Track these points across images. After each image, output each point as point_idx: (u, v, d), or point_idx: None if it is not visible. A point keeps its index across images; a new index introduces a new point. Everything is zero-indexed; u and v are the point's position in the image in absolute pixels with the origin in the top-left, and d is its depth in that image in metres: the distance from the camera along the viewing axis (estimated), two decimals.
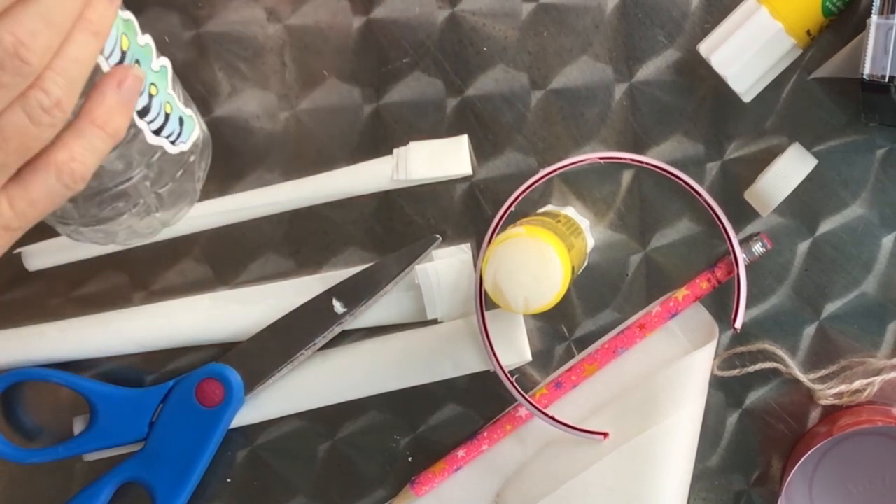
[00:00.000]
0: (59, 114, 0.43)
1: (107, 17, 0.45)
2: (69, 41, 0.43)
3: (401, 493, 0.64)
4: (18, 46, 0.41)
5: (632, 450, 0.61)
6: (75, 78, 0.43)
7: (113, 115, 0.46)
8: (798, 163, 0.59)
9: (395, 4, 0.62)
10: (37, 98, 0.42)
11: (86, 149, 0.45)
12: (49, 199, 0.45)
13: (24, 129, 0.42)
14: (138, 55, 0.50)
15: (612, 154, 0.61)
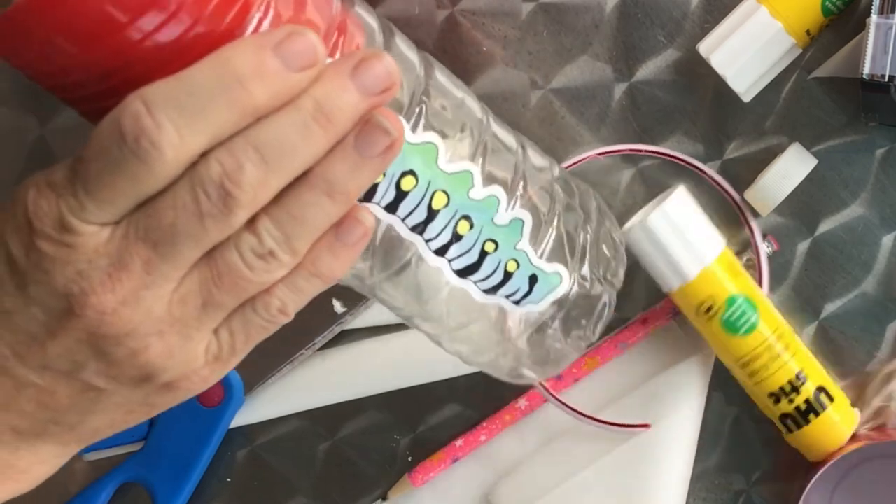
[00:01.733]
0: (276, 263, 0.40)
1: (349, 180, 0.40)
2: (292, 194, 0.39)
3: (398, 483, 0.64)
4: (223, 177, 0.37)
5: (631, 450, 0.61)
6: (292, 235, 0.39)
7: (323, 256, 0.41)
8: (798, 163, 0.59)
9: (395, 4, 0.62)
10: (248, 241, 0.39)
11: (286, 285, 0.41)
12: (247, 332, 0.42)
13: (237, 269, 0.39)
14: (473, 210, 0.45)
15: (637, 146, 0.61)
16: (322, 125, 0.39)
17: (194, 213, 0.38)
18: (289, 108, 0.38)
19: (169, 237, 0.38)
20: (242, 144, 0.38)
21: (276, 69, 0.38)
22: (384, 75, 0.40)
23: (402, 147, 0.41)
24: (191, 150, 0.37)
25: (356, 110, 0.40)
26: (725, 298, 0.57)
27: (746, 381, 0.58)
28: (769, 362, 0.58)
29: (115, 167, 0.37)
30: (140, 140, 0.36)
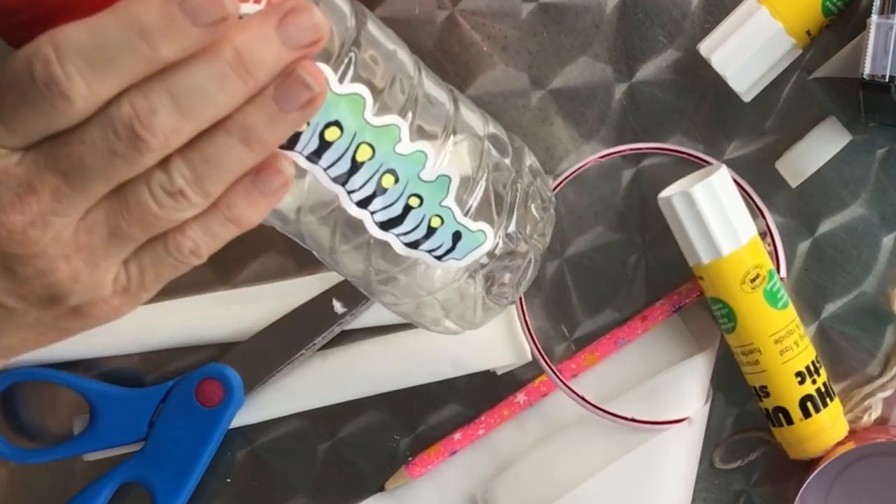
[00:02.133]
0: (185, 202, 0.40)
1: (266, 130, 0.40)
2: (208, 138, 0.39)
3: (395, 475, 0.64)
4: (134, 120, 0.38)
5: (635, 457, 0.61)
6: (204, 177, 0.40)
7: (239, 200, 0.41)
8: (832, 136, 0.59)
9: (395, 4, 0.62)
10: (158, 178, 0.39)
11: (200, 227, 0.42)
12: (161, 270, 0.42)
13: (146, 204, 0.40)
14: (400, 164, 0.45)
15: (639, 145, 0.61)
16: (241, 76, 0.39)
17: (103, 150, 0.38)
18: (209, 57, 0.38)
19: (77, 170, 0.39)
20: (158, 89, 0.38)
21: (183, 25, 0.37)
22: (311, 28, 0.39)
23: (322, 102, 0.40)
24: (100, 98, 0.38)
25: (278, 63, 0.39)
26: (768, 270, 0.57)
27: (775, 359, 0.58)
28: (799, 339, 0.58)
29: (25, 102, 0.38)
30: (50, 86, 0.37)
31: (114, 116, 0.38)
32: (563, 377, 0.62)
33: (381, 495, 0.64)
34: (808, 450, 0.59)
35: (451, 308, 0.51)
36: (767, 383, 0.58)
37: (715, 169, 0.58)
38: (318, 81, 0.40)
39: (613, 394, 0.62)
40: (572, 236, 0.62)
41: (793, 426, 0.58)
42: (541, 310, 0.63)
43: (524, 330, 0.62)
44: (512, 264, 0.51)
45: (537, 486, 0.62)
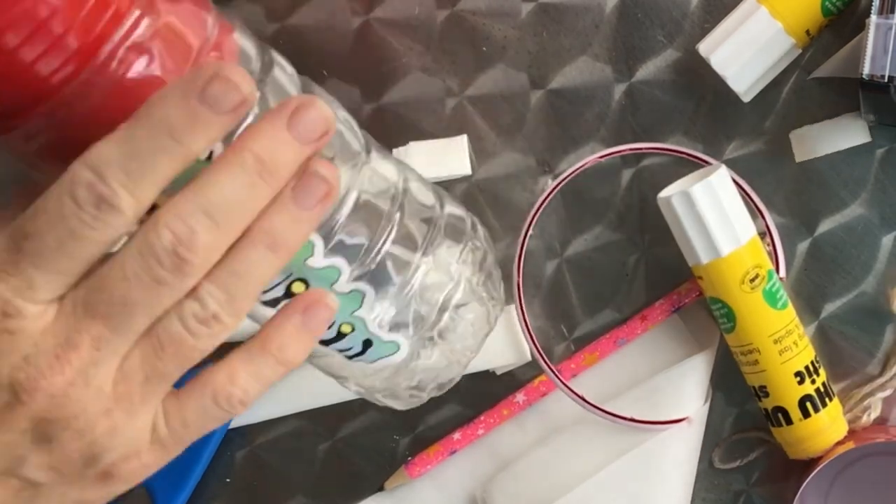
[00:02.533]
0: (218, 326, 0.39)
1: (290, 233, 0.40)
2: (235, 253, 0.39)
3: (395, 474, 0.64)
4: (176, 244, 0.37)
5: (635, 457, 0.61)
6: (237, 294, 0.39)
7: (291, 343, 0.41)
8: (854, 130, 0.59)
9: (395, 4, 0.62)
10: (191, 308, 0.38)
11: (251, 374, 0.41)
12: (203, 420, 0.41)
13: (180, 339, 0.39)
14: (311, 277, 0.45)
15: (639, 145, 0.61)
16: (266, 180, 0.39)
17: (148, 282, 0.37)
18: (232, 167, 0.38)
19: (121, 309, 0.38)
20: (192, 208, 0.38)
21: (207, 117, 0.37)
22: (320, 121, 0.40)
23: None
24: (144, 206, 0.37)
25: (297, 161, 0.40)
26: (768, 270, 0.57)
27: (775, 358, 0.58)
28: (798, 339, 0.58)
29: (73, 236, 0.37)
30: (100, 205, 0.36)
31: (154, 244, 0.37)
32: (562, 377, 0.62)
33: (380, 495, 0.64)
34: (808, 450, 0.59)
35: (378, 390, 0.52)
36: (767, 383, 0.58)
37: (714, 169, 0.58)
38: (332, 174, 0.40)
39: (613, 394, 0.62)
40: (572, 236, 0.62)
41: (792, 426, 0.58)
42: (540, 310, 0.63)
43: (524, 330, 0.62)
44: (427, 373, 0.51)
45: (537, 486, 0.62)
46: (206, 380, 0.41)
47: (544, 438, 0.63)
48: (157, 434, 0.40)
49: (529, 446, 0.63)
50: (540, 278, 0.63)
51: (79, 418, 0.38)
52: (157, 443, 0.41)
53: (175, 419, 0.40)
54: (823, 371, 0.59)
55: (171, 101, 0.37)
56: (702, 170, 0.60)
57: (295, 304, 0.42)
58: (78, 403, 0.38)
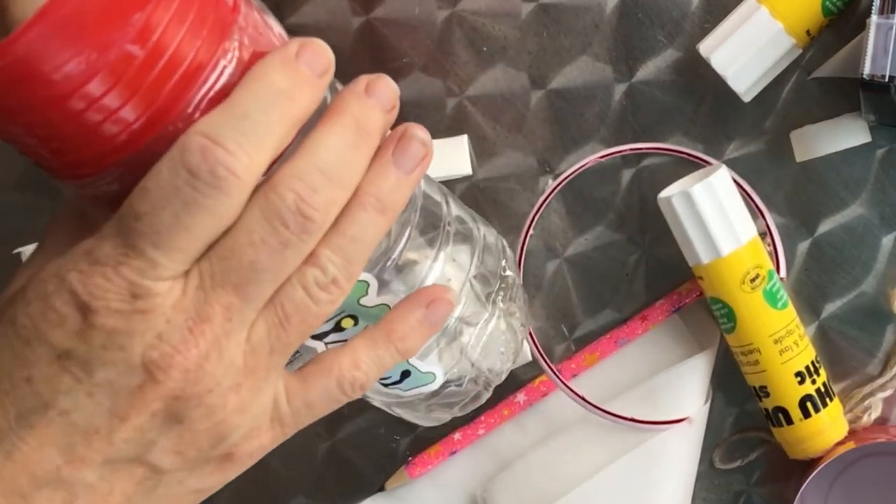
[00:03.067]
0: (337, 291, 0.40)
1: (396, 193, 0.41)
2: (347, 217, 0.40)
3: (395, 474, 0.64)
4: (299, 202, 0.38)
5: (635, 457, 0.61)
6: (353, 257, 0.40)
7: (412, 333, 0.43)
8: (854, 130, 0.59)
9: (395, 4, 0.62)
10: (312, 274, 0.39)
11: (373, 360, 0.42)
12: (324, 402, 0.42)
13: (304, 306, 0.39)
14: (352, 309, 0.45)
15: (639, 145, 0.61)
16: (365, 140, 0.40)
17: (275, 245, 0.38)
18: (335, 129, 0.39)
19: (250, 276, 0.38)
20: (308, 168, 0.38)
21: (308, 75, 0.38)
22: (391, 91, 0.41)
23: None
24: (260, 170, 0.37)
25: (383, 125, 0.41)
26: (768, 270, 0.57)
27: (775, 358, 0.58)
28: (798, 339, 0.58)
29: (189, 208, 0.36)
30: (216, 170, 0.36)
31: (278, 206, 0.38)
32: (563, 377, 0.62)
33: (381, 495, 0.64)
34: (808, 450, 0.59)
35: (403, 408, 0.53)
36: (767, 383, 0.58)
37: (715, 169, 0.58)
38: (428, 137, 0.42)
39: (613, 394, 0.62)
40: (572, 236, 0.62)
41: (792, 426, 0.58)
42: (541, 310, 0.63)
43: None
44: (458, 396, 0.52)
45: (537, 486, 0.62)
46: (330, 364, 0.42)
47: (544, 438, 0.63)
48: (277, 412, 0.41)
49: (529, 446, 0.63)
50: (540, 278, 0.63)
51: (212, 393, 0.38)
52: (276, 421, 0.41)
53: (298, 399, 0.41)
54: (824, 371, 0.59)
55: (272, 68, 0.38)
56: (702, 170, 0.60)
57: (419, 298, 0.43)
58: (212, 377, 0.38)
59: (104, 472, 0.38)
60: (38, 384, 0.37)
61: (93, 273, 0.37)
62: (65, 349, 0.37)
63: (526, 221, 0.62)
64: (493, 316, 0.51)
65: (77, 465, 0.38)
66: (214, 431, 0.39)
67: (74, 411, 0.37)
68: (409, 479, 0.63)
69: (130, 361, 0.37)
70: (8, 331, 0.38)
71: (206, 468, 0.41)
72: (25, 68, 0.35)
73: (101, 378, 0.37)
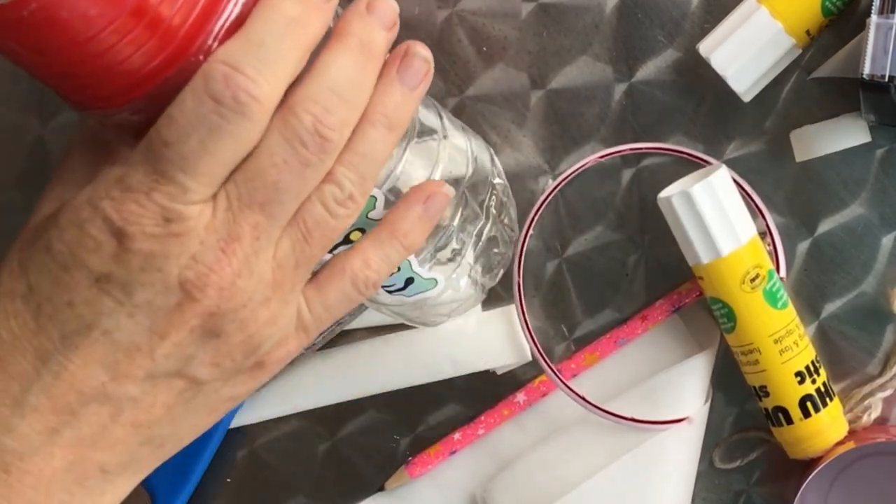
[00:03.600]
0: (353, 205, 0.42)
1: (403, 110, 0.43)
2: (359, 135, 0.42)
3: (395, 474, 0.64)
4: (317, 124, 0.40)
5: (635, 457, 0.61)
6: (366, 173, 0.43)
7: (414, 229, 0.45)
8: (854, 130, 0.59)
9: None
10: (330, 191, 0.42)
11: (381, 258, 0.45)
12: (342, 304, 0.45)
13: (324, 221, 0.42)
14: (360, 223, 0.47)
15: (639, 145, 0.61)
16: (370, 59, 0.42)
17: (296, 165, 0.40)
18: (341, 50, 0.41)
19: (274, 195, 0.40)
20: (320, 90, 0.40)
21: (316, 1, 0.41)
22: (391, 8, 0.44)
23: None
24: (278, 95, 0.39)
25: (385, 42, 0.43)
26: (768, 270, 0.57)
27: (775, 358, 0.58)
28: (798, 339, 0.58)
29: (215, 134, 0.38)
30: (238, 96, 0.38)
31: (297, 128, 0.40)
32: (562, 377, 0.62)
33: (381, 495, 0.64)
34: (808, 449, 0.59)
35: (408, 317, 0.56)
36: (767, 383, 0.58)
37: (715, 169, 0.58)
38: (428, 53, 0.44)
39: (613, 394, 0.62)
40: (572, 236, 0.62)
41: (792, 426, 0.58)
42: (541, 310, 0.63)
43: (524, 330, 0.62)
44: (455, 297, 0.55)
45: (537, 486, 0.62)
46: (342, 266, 0.44)
47: (544, 438, 0.63)
48: (301, 320, 0.43)
49: (529, 446, 0.63)
50: (540, 278, 0.63)
51: (246, 307, 0.41)
52: (301, 329, 0.43)
53: (317, 305, 0.43)
54: (824, 371, 0.59)
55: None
56: (702, 170, 0.60)
57: (417, 194, 0.46)
58: (244, 293, 0.40)
59: (146, 387, 0.41)
60: (80, 307, 0.39)
61: (125, 200, 0.39)
62: (103, 273, 0.39)
63: (526, 221, 0.62)
64: (487, 221, 0.54)
65: (121, 380, 0.40)
66: (248, 343, 0.42)
67: (116, 331, 0.40)
68: (409, 479, 0.63)
69: (168, 282, 0.39)
70: (44, 258, 0.40)
71: (240, 377, 0.43)
72: (54, 10, 0.36)
73: (141, 299, 0.39)
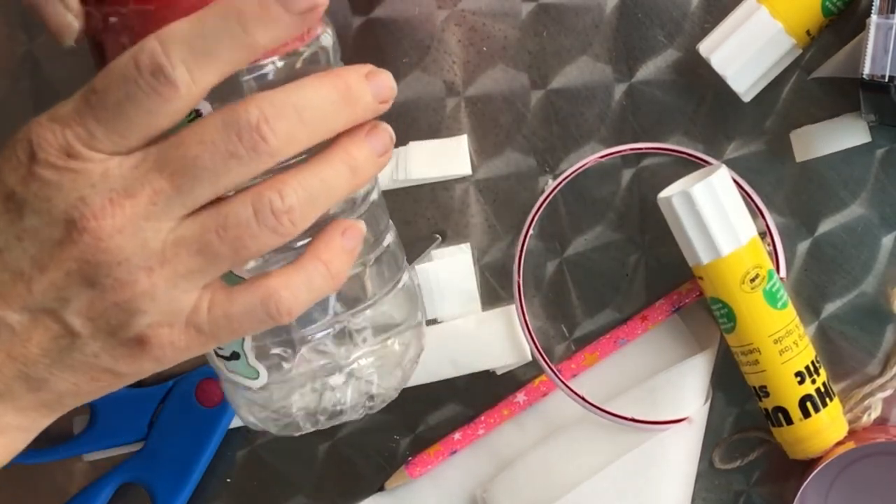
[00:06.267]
0: (288, 224, 0.41)
1: (366, 164, 0.43)
2: (325, 160, 0.42)
3: (395, 474, 0.64)
4: (261, 121, 0.40)
5: (635, 457, 0.61)
6: (316, 199, 0.41)
7: (338, 256, 0.43)
8: (854, 130, 0.59)
9: (395, 4, 0.62)
10: (269, 197, 0.40)
11: (303, 283, 0.43)
12: (246, 320, 0.42)
13: (247, 225, 0.41)
14: None
15: (639, 145, 0.61)
16: (349, 106, 0.42)
17: (223, 151, 0.40)
18: (325, 82, 0.42)
19: (189, 169, 0.40)
20: (284, 100, 0.40)
21: (277, 13, 0.40)
22: (390, 86, 0.44)
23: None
24: (202, 87, 0.40)
25: (370, 109, 0.43)
26: (768, 270, 0.57)
27: (775, 358, 0.58)
28: (798, 339, 0.58)
29: (130, 99, 0.39)
30: (157, 75, 0.39)
31: (239, 117, 0.40)
32: (562, 377, 0.62)
33: (381, 495, 0.64)
34: (808, 450, 0.59)
35: None
36: (767, 383, 0.58)
37: (715, 169, 0.58)
38: (392, 136, 0.45)
39: (613, 394, 0.62)
40: (572, 236, 0.62)
41: (792, 426, 0.58)
42: (541, 310, 0.63)
43: (524, 330, 0.62)
44: None
45: (537, 486, 0.62)
46: (260, 282, 0.42)
47: (544, 438, 0.63)
48: (196, 317, 0.42)
49: (529, 446, 0.63)
50: (540, 278, 0.63)
51: (121, 266, 0.40)
52: (193, 326, 0.42)
53: (219, 309, 0.42)
54: (824, 371, 0.59)
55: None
56: (702, 170, 0.60)
57: (334, 227, 0.44)
58: (121, 251, 0.40)
59: (23, 318, 0.41)
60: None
61: (47, 127, 0.40)
62: (11, 190, 0.40)
63: (526, 221, 0.62)
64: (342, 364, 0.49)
65: (1, 304, 0.41)
66: (123, 307, 0.41)
67: (6, 251, 0.41)
68: (409, 479, 0.63)
69: (53, 214, 0.40)
70: None
71: (120, 350, 0.42)
72: None
73: (29, 224, 0.40)
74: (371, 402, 0.50)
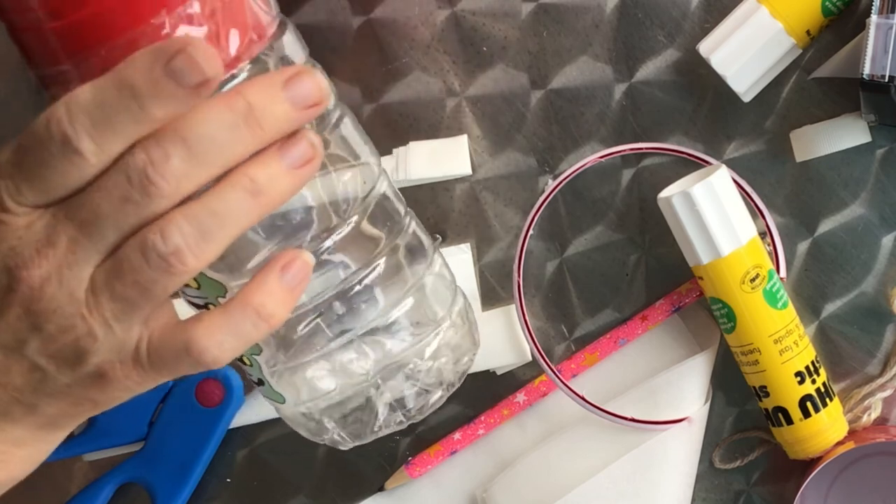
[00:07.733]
0: (179, 266, 0.39)
1: (277, 182, 0.41)
2: (218, 191, 0.40)
3: (395, 474, 0.64)
4: (147, 166, 0.39)
5: (635, 457, 0.61)
6: (210, 234, 0.40)
7: (273, 297, 0.41)
8: (854, 130, 0.59)
9: (395, 4, 0.62)
10: (152, 240, 0.39)
11: (229, 332, 0.41)
12: (174, 364, 0.42)
13: (139, 268, 0.40)
14: None
15: (639, 145, 0.61)
16: (251, 127, 0.40)
17: (116, 197, 0.39)
18: (220, 106, 0.40)
19: (93, 217, 0.40)
20: (171, 136, 0.39)
21: (169, 88, 0.39)
22: (315, 90, 0.41)
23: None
24: (111, 153, 0.39)
25: (285, 120, 0.41)
26: (768, 270, 0.57)
27: (775, 358, 0.58)
28: (798, 339, 0.58)
29: (46, 162, 0.39)
30: (66, 144, 0.39)
31: (128, 163, 0.39)
32: (562, 377, 0.62)
33: (381, 495, 0.64)
34: (808, 450, 0.59)
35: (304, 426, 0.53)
36: (767, 383, 0.58)
37: (715, 169, 0.58)
38: (319, 143, 0.42)
39: (613, 394, 0.62)
40: (572, 236, 0.62)
41: (792, 426, 0.58)
42: (541, 310, 0.63)
43: (524, 330, 0.62)
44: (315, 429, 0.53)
45: (537, 486, 0.62)
46: (185, 326, 0.42)
47: (544, 438, 0.63)
48: (138, 354, 0.42)
49: (529, 446, 0.63)
50: (540, 278, 0.63)
51: (56, 314, 0.40)
52: (137, 363, 0.42)
53: (153, 350, 0.42)
54: (824, 371, 0.59)
55: (139, 65, 0.39)
56: (702, 170, 0.60)
57: (273, 263, 0.42)
58: (53, 300, 0.40)
59: (1, 355, 0.42)
60: None
61: None
62: None
63: (526, 221, 0.62)
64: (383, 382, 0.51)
65: None
66: (73, 347, 0.41)
67: None
68: (409, 479, 0.63)
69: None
70: None
71: (86, 380, 0.42)
72: None
73: None
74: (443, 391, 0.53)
